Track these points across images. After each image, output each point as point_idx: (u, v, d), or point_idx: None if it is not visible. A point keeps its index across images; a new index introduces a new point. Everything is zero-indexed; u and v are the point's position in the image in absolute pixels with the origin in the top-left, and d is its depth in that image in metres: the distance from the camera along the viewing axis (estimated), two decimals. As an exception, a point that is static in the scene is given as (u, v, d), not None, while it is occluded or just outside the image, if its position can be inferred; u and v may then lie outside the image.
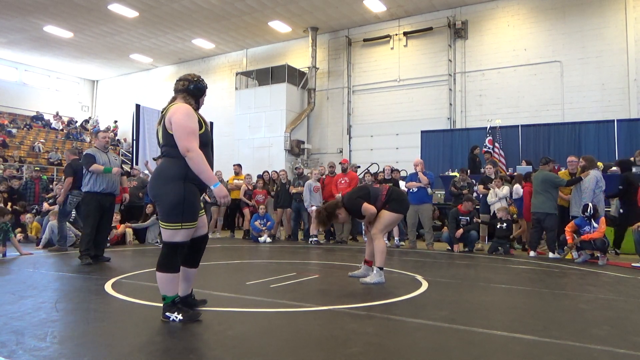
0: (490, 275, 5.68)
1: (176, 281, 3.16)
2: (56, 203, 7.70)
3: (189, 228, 3.14)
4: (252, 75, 19.77)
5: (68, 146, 21.75)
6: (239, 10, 16.67)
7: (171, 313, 3.12)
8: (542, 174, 7.75)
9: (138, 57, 22.15)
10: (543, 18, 14.81)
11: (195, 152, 3.02)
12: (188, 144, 3.02)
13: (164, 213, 3.12)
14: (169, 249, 3.13)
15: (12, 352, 2.48)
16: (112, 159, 6.54)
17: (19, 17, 17.49)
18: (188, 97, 3.27)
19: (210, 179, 3.08)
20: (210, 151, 3.33)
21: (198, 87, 3.30)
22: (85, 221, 6.48)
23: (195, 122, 3.13)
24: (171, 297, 3.14)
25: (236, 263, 6.60)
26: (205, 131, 3.22)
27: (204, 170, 3.05)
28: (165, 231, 3.13)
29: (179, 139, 3.05)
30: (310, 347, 2.67)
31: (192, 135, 3.06)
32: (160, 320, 3.14)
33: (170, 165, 3.13)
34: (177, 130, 3.05)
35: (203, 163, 3.04)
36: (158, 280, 3.14)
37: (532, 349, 2.69)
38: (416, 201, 8.69)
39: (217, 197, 3.19)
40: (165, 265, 3.11)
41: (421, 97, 16.64)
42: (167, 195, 3.09)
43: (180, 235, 3.11)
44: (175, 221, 3.08)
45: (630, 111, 13.21)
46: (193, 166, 3.04)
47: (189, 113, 3.13)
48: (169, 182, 3.09)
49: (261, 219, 10.06)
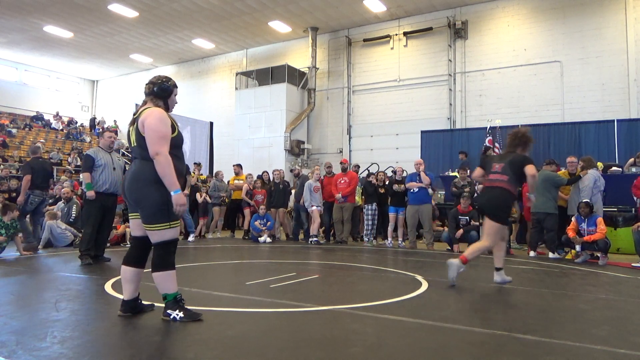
0: (490, 275, 5.67)
1: (174, 278, 3.19)
2: (17, 202, 7.66)
3: (177, 226, 3.22)
4: (252, 75, 19.78)
5: (68, 146, 21.77)
6: (239, 10, 16.67)
7: (172, 311, 3.13)
8: (543, 173, 7.74)
9: (138, 57, 22.16)
10: (543, 18, 14.81)
11: (164, 157, 3.08)
12: (158, 148, 3.08)
13: (149, 215, 3.13)
14: (162, 249, 3.15)
15: (12, 352, 2.48)
16: (114, 159, 6.52)
17: (19, 17, 17.50)
18: (155, 100, 3.30)
19: (171, 185, 3.10)
20: (182, 152, 3.40)
21: (162, 88, 3.31)
22: (86, 221, 6.46)
23: (168, 126, 3.19)
24: (172, 295, 3.16)
25: (236, 263, 6.60)
26: (178, 134, 3.29)
27: (168, 175, 3.09)
28: (153, 233, 3.13)
29: (150, 142, 3.10)
30: (310, 347, 2.67)
31: (163, 139, 3.11)
32: (161, 318, 3.14)
33: (148, 168, 3.15)
34: (149, 133, 3.11)
35: (169, 167, 3.09)
36: (156, 281, 3.16)
37: (532, 349, 2.69)
38: (416, 201, 8.71)
39: (174, 205, 3.12)
40: (161, 265, 3.14)
41: (421, 97, 16.64)
42: (151, 196, 3.11)
43: (170, 234, 3.16)
44: (162, 221, 3.12)
45: (630, 111, 13.21)
46: (159, 169, 3.09)
47: (162, 118, 3.17)
48: (151, 185, 3.12)
49: (261, 219, 10.05)
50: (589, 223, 6.86)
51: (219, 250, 8.31)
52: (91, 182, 6.22)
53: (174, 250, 3.22)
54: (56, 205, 9.60)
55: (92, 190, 6.20)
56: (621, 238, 8.11)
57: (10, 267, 5.83)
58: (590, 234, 6.86)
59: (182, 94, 24.42)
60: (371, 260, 6.99)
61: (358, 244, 9.83)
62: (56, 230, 8.24)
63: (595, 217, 6.87)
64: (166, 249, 3.16)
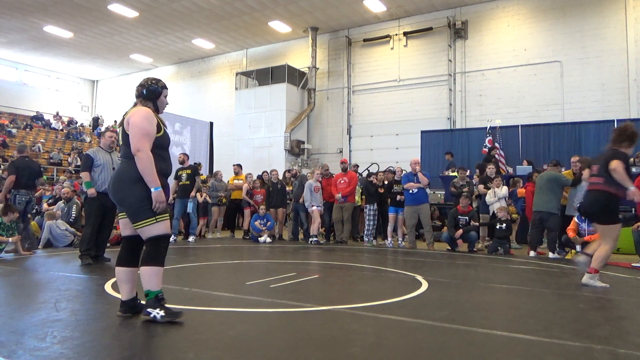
0: (490, 275, 5.68)
1: (160, 275, 3.16)
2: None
3: (164, 220, 3.17)
4: (252, 75, 19.78)
5: (68, 146, 21.77)
6: (239, 10, 16.68)
7: (153, 309, 3.08)
8: (548, 173, 7.74)
9: (138, 57, 22.16)
10: (543, 18, 14.81)
11: (145, 153, 3.08)
12: (140, 145, 3.08)
13: (133, 213, 3.12)
14: (151, 245, 3.13)
15: (12, 352, 2.48)
16: (115, 159, 6.51)
17: (19, 17, 17.50)
18: (144, 101, 3.32)
19: (152, 182, 3.10)
20: (168, 153, 3.40)
21: (151, 90, 3.33)
22: (86, 220, 6.47)
23: (152, 125, 3.19)
24: (154, 292, 3.12)
25: (236, 263, 6.60)
26: (164, 134, 3.30)
27: (149, 173, 3.09)
28: (142, 230, 3.12)
29: (132, 138, 3.11)
30: (310, 347, 2.67)
31: (145, 136, 3.12)
32: (141, 316, 3.11)
33: (131, 168, 3.15)
34: (132, 130, 3.12)
35: (150, 165, 3.09)
36: (142, 275, 3.13)
37: (532, 349, 2.69)
38: (415, 202, 8.70)
39: (154, 202, 3.11)
40: (149, 260, 3.11)
41: (421, 97, 16.65)
42: (132, 195, 3.11)
43: (158, 228, 3.12)
44: (147, 217, 3.10)
45: (630, 111, 13.21)
46: (139, 165, 3.09)
47: (148, 116, 3.19)
48: (132, 184, 3.12)
49: (261, 219, 10.05)
50: (590, 223, 6.86)
51: (219, 250, 8.31)
52: (90, 181, 6.23)
53: (164, 246, 3.18)
54: (56, 205, 9.60)
55: (93, 188, 6.22)
56: (621, 238, 8.06)
57: (11, 267, 5.82)
58: (590, 234, 6.85)
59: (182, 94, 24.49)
60: (371, 260, 6.98)
61: (358, 244, 9.83)
62: (56, 230, 8.24)
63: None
64: (156, 245, 3.12)
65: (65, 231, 8.34)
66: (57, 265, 6.21)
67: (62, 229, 8.33)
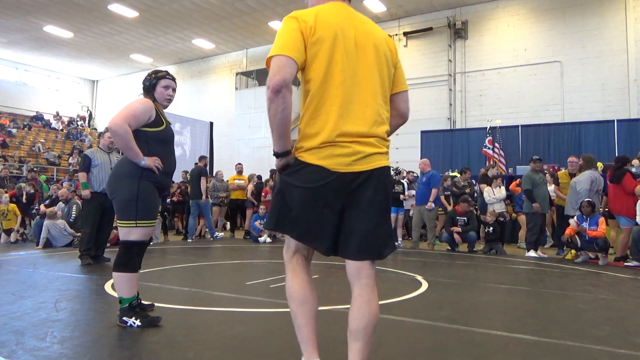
0: (490, 276, 5.68)
1: (133, 282, 3.07)
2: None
3: (145, 226, 3.07)
4: (252, 75, 19.78)
5: (68, 146, 21.78)
6: (239, 10, 16.68)
7: (128, 318, 2.99)
8: (525, 174, 7.91)
9: (138, 57, 22.16)
10: (543, 18, 14.81)
11: (121, 128, 2.97)
12: (119, 120, 2.98)
13: (119, 209, 3.09)
14: (124, 248, 3.06)
15: (12, 352, 2.48)
16: (113, 160, 6.51)
17: (19, 17, 17.50)
18: (145, 94, 3.32)
19: (135, 156, 3.03)
20: (172, 148, 3.35)
21: (147, 81, 3.33)
22: (85, 220, 6.47)
23: (145, 112, 3.12)
24: (127, 300, 3.04)
25: (236, 263, 6.60)
26: (165, 128, 3.25)
27: (129, 147, 3.00)
28: (121, 229, 3.09)
29: (117, 114, 3.04)
30: (310, 347, 2.66)
31: (130, 116, 3.03)
32: (117, 324, 3.03)
33: (125, 163, 3.13)
34: (121, 109, 3.07)
35: (127, 139, 2.98)
36: (114, 280, 3.10)
37: (532, 349, 2.69)
38: (419, 201, 8.79)
39: (151, 166, 3.07)
40: (120, 265, 3.04)
41: (421, 97, 16.63)
42: (121, 192, 3.07)
43: (136, 234, 3.05)
44: (129, 218, 3.04)
45: (630, 111, 13.21)
46: (117, 140, 3.03)
47: (143, 102, 3.17)
48: (124, 179, 3.08)
49: (261, 219, 10.04)
50: (591, 222, 6.87)
51: (219, 250, 8.31)
52: (87, 182, 6.25)
53: (137, 252, 3.07)
54: (56, 205, 9.59)
55: (88, 189, 6.24)
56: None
57: (10, 267, 5.83)
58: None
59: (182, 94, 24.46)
60: (371, 260, 6.97)
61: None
62: (55, 230, 8.24)
63: (597, 217, 6.89)
64: (127, 250, 3.04)
65: (64, 231, 8.33)
66: (57, 265, 6.21)
67: (61, 227, 8.32)
